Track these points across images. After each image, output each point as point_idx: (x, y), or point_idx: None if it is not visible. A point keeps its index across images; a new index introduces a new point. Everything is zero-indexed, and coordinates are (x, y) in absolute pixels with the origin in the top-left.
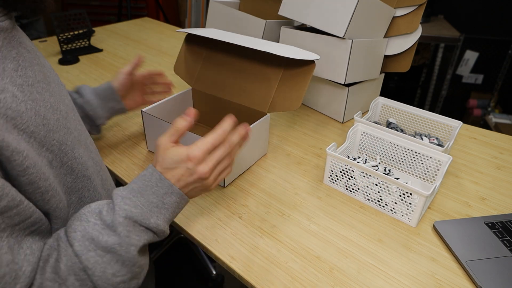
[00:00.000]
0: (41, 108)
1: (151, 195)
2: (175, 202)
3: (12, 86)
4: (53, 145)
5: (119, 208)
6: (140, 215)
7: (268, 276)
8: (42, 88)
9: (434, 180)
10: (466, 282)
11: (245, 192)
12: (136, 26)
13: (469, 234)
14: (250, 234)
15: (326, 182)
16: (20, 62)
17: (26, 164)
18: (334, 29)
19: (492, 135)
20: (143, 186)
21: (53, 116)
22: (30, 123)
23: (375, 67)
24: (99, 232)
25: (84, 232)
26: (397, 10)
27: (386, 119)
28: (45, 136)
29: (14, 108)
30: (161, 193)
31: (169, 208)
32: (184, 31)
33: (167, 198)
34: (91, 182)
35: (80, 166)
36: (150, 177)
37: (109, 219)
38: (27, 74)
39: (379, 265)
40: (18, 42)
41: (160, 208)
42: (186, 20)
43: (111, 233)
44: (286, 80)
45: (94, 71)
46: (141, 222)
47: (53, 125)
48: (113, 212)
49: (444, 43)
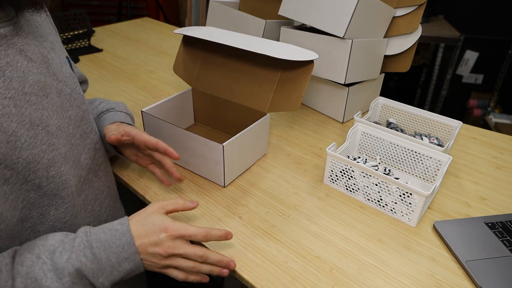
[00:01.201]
0: (12, 124)
1: (112, 254)
2: (130, 269)
3: None
4: (17, 163)
5: (76, 257)
6: (91, 272)
7: (268, 276)
8: (26, 101)
9: (434, 180)
10: (466, 282)
11: (245, 192)
12: (136, 26)
13: (469, 234)
14: (250, 234)
15: (326, 182)
16: (6, 73)
17: None
18: (334, 29)
19: (492, 135)
20: (110, 242)
21: (28, 133)
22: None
23: (375, 67)
24: (44, 274)
25: (30, 269)
26: (397, 10)
27: (386, 119)
28: (7, 154)
29: None
30: (122, 257)
31: (121, 272)
32: (181, 33)
33: (125, 263)
34: (63, 202)
35: (52, 185)
36: (121, 236)
37: (60, 263)
38: (10, 85)
39: (379, 265)
40: (17, 50)
41: (113, 270)
42: (186, 20)
43: (55, 279)
44: (285, 80)
45: (94, 71)
46: (89, 279)
47: (23, 142)
48: (67, 256)
49: (444, 43)
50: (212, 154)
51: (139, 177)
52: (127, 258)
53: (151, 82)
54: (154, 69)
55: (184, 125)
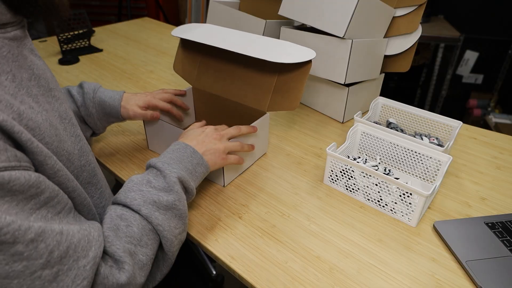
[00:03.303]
0: (53, 118)
1: (188, 163)
2: (202, 173)
3: (27, 97)
4: (62, 155)
5: (170, 171)
6: (185, 177)
7: (268, 276)
8: (53, 96)
9: (434, 180)
10: (466, 282)
11: (245, 192)
12: (136, 26)
13: (469, 234)
14: (250, 234)
15: (326, 182)
16: (34, 71)
17: (56, 167)
18: (334, 29)
19: (492, 135)
20: (180, 157)
21: (61, 126)
22: (46, 134)
23: (375, 67)
24: (157, 195)
25: (144, 198)
26: (397, 10)
27: (386, 119)
28: (57, 147)
29: (34, 119)
30: (194, 163)
31: (198, 176)
32: (178, 36)
33: (198, 168)
34: (96, 189)
35: (85, 173)
36: (184, 150)
37: (162, 183)
38: (39, 83)
39: (379, 265)
40: (29, 50)
41: (193, 175)
42: (186, 20)
43: (168, 194)
44: (284, 80)
45: (94, 71)
46: (186, 184)
47: (62, 135)
48: (163, 177)
49: (444, 43)
50: None
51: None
52: (198, 163)
53: (151, 82)
54: (154, 69)
55: (185, 124)
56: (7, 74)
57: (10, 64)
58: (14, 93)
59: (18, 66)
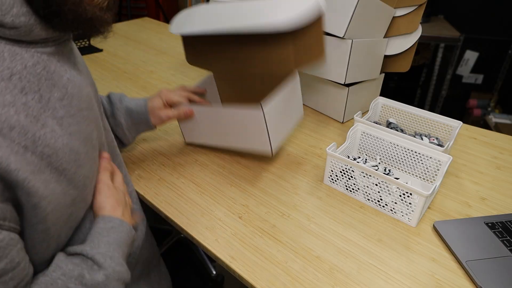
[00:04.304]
0: (76, 142)
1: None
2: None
3: (52, 119)
4: (79, 181)
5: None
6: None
7: (268, 276)
8: (82, 116)
9: (434, 180)
10: (466, 282)
11: (245, 192)
12: (136, 26)
13: (469, 234)
14: (250, 234)
15: (326, 182)
16: (68, 90)
17: (47, 210)
18: (334, 29)
19: (492, 135)
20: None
21: (84, 149)
22: (64, 160)
23: (375, 67)
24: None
25: None
26: (397, 10)
27: (386, 119)
28: (75, 173)
29: (52, 145)
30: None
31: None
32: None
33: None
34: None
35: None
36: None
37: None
38: (72, 103)
39: (379, 265)
40: (72, 65)
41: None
42: None
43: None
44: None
45: (94, 71)
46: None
47: (82, 160)
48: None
49: (444, 43)
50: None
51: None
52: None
53: (151, 82)
54: (154, 69)
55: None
56: (35, 93)
57: (42, 82)
58: (37, 114)
59: (51, 84)
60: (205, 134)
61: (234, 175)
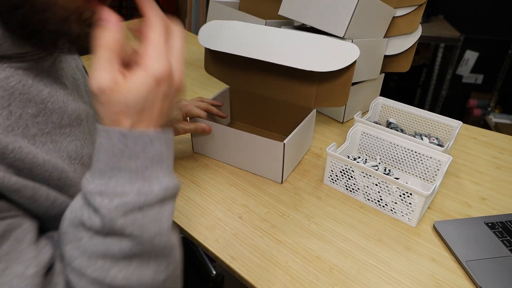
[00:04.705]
0: (57, 160)
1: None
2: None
3: (22, 138)
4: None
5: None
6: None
7: (268, 276)
8: (61, 134)
9: (434, 180)
10: (466, 282)
11: (245, 192)
12: None
13: (469, 234)
14: (250, 234)
15: (326, 182)
16: (48, 105)
17: (51, 198)
18: (334, 29)
19: (492, 135)
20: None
21: (70, 168)
22: (47, 176)
23: (375, 67)
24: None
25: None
26: (397, 10)
27: (386, 119)
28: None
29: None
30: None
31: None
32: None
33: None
34: None
35: None
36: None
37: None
38: (49, 119)
39: (379, 265)
40: (55, 78)
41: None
42: (186, 20)
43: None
44: (326, 79)
45: None
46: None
47: (71, 179)
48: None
49: (444, 43)
50: (272, 152)
51: None
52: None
53: None
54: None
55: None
56: (2, 109)
57: (15, 97)
58: (5, 132)
59: (26, 99)
60: (216, 151)
61: (234, 175)
